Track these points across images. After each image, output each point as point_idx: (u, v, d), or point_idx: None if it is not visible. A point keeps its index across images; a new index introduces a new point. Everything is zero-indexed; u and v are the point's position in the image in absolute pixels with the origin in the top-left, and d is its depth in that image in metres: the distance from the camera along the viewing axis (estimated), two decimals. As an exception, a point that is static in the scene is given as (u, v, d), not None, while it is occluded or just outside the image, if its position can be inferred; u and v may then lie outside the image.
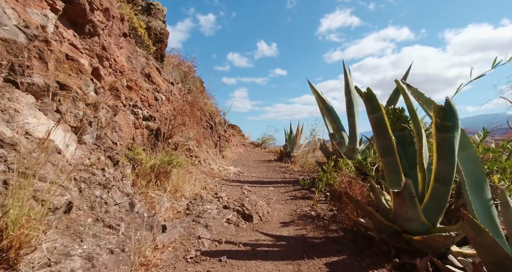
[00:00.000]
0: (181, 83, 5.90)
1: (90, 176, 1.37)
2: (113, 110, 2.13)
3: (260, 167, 6.02)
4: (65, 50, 1.75)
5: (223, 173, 4.42)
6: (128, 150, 2.26)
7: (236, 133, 17.74)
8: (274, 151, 11.34)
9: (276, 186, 3.66)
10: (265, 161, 7.52)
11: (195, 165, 3.84)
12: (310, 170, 5.51)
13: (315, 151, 6.84)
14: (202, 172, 3.82)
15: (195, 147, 3.99)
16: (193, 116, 4.19)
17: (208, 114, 5.55)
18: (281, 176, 4.73)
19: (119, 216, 1.39)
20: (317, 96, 4.17)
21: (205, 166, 4.21)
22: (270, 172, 5.26)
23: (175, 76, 5.56)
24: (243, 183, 3.79)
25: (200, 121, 4.78)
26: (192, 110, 4.12)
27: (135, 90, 2.68)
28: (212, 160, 4.80)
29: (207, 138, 4.90)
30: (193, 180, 2.88)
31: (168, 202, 2.06)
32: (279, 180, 4.27)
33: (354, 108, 3.82)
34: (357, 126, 3.85)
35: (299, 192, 3.30)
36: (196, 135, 4.25)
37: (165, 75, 4.14)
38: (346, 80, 3.82)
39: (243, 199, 2.45)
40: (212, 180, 3.62)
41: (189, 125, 3.93)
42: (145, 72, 3.25)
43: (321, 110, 4.36)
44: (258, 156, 9.80)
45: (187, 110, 3.94)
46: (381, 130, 1.64)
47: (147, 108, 2.87)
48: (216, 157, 5.17)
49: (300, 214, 2.44)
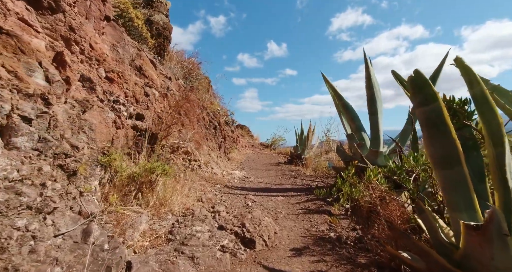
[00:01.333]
0: (184, 80, 5.50)
1: (11, 198, 0.93)
2: (82, 106, 1.71)
3: (268, 171, 5.53)
4: (11, 25, 1.34)
5: (227, 179, 3.97)
6: (103, 155, 1.83)
7: (245, 134, 17.33)
8: (284, 153, 10.82)
9: (286, 195, 3.17)
10: (274, 164, 7.02)
11: (194, 170, 3.41)
12: (324, 174, 4.97)
13: (328, 152, 6.28)
14: (202, 178, 3.38)
15: (194, 149, 3.56)
16: (193, 115, 3.76)
17: (212, 113, 5.12)
18: (292, 182, 4.22)
19: (55, 256, 0.95)
20: (333, 92, 3.64)
21: (206, 171, 3.77)
22: (279, 176, 4.77)
23: (176, 72, 5.17)
24: (248, 191, 3.32)
25: (201, 121, 4.35)
26: (192, 107, 3.69)
27: (118, 83, 2.27)
28: (215, 164, 4.36)
29: (210, 140, 4.46)
30: (187, 189, 2.44)
31: (147, 222, 1.61)
32: (289, 187, 3.77)
33: (377, 105, 3.27)
34: (380, 126, 3.30)
35: (313, 204, 2.79)
36: (195, 136, 3.82)
37: (162, 70, 3.73)
38: (368, 73, 3.28)
39: (245, 215, 1.98)
40: (212, 188, 3.17)
41: (187, 124, 3.50)
42: (136, 64, 2.84)
43: (337, 108, 3.84)
44: (267, 157, 9.31)
45: (185, 107, 3.51)
46: (437, 130, 1.13)
47: (133, 104, 2.46)
48: (220, 160, 4.72)
49: (316, 236, 1.94)
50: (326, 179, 4.48)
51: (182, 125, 3.53)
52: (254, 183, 3.94)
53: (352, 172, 2.37)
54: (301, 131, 7.60)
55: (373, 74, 3.28)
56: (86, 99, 1.78)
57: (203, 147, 3.97)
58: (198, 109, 4.29)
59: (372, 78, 3.27)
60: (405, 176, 1.91)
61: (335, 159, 5.04)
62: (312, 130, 7.01)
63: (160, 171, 1.84)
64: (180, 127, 3.43)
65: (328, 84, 3.68)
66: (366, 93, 3.34)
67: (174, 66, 5.30)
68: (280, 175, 4.99)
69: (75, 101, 1.67)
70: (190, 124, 3.84)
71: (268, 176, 4.77)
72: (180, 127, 3.44)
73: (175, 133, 3.28)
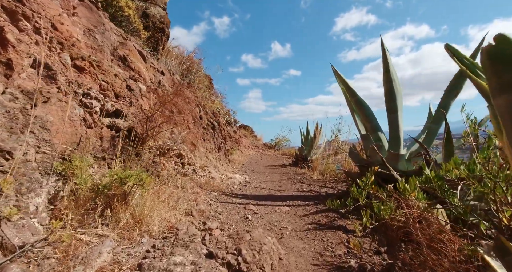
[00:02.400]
0: (181, 77, 5.13)
1: None
2: (31, 98, 1.33)
3: (272, 174, 5.12)
4: None
5: (226, 184, 3.57)
6: (62, 161, 1.45)
7: (248, 134, 16.94)
8: (289, 154, 10.39)
9: (292, 205, 2.76)
10: (278, 166, 6.61)
11: (188, 175, 3.02)
12: (333, 179, 4.55)
13: (337, 154, 5.84)
14: (196, 184, 2.99)
15: (188, 152, 3.17)
16: (188, 113, 3.37)
17: (211, 112, 4.73)
18: (298, 187, 3.81)
19: None
20: (345, 87, 3.22)
21: (202, 176, 3.38)
22: (283, 181, 4.35)
23: (172, 68, 4.80)
24: (248, 199, 2.92)
25: (198, 120, 3.96)
26: (187, 104, 3.30)
27: (90, 73, 1.89)
28: (213, 167, 3.97)
29: (208, 141, 4.08)
30: (175, 200, 2.05)
31: (111, 250, 1.22)
32: (295, 193, 3.36)
33: (396, 100, 2.85)
34: (400, 125, 2.87)
35: (324, 216, 2.38)
36: (191, 137, 3.43)
37: (154, 63, 3.35)
38: (386, 64, 2.86)
39: (242, 236, 1.57)
40: (208, 196, 2.78)
41: (180, 123, 3.11)
42: (119, 54, 2.46)
43: (349, 105, 3.41)
44: (271, 159, 8.90)
45: (179, 105, 3.12)
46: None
47: (112, 99, 2.07)
48: (219, 163, 4.33)
49: (332, 265, 1.53)
50: (335, 184, 4.06)
51: (175, 124, 3.15)
52: (256, 189, 3.54)
53: (371, 180, 1.96)
54: (306, 131, 7.17)
55: (392, 66, 2.86)
56: (40, 90, 1.40)
57: (199, 149, 3.58)
58: (194, 107, 3.91)
59: (390, 70, 2.84)
60: (448, 189, 1.49)
61: (345, 162, 4.61)
62: (318, 130, 6.58)
63: (133, 181, 1.45)
64: (172, 127, 3.04)
65: (340, 78, 3.26)
66: (384, 87, 2.92)
67: (171, 62, 4.93)
68: (285, 179, 4.58)
69: (21, 91, 1.29)
70: (185, 123, 3.45)
71: (271, 181, 4.36)
72: (172, 126, 3.05)
73: (166, 133, 2.89)
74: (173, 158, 2.88)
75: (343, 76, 3.23)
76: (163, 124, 2.50)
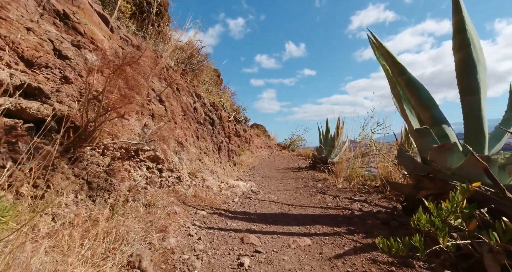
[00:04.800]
0: (177, 64, 4.32)
1: None
2: None
3: (285, 180, 4.20)
4: None
5: (223, 196, 2.70)
6: None
7: (261, 133, 16.05)
8: (304, 155, 9.37)
9: (314, 233, 1.83)
10: (293, 169, 5.67)
11: (168, 186, 2.18)
12: (362, 187, 3.56)
13: (365, 155, 4.80)
14: (178, 199, 2.14)
15: (170, 153, 2.32)
16: (177, 103, 2.54)
17: (209, 104, 3.87)
18: (319, 200, 2.87)
19: None
20: (389, 61, 2.24)
21: (192, 185, 2.53)
22: (300, 190, 3.42)
23: (165, 51, 3.99)
24: (250, 221, 2.03)
25: (192, 112, 3.11)
26: (176, 91, 2.47)
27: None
28: (210, 173, 3.11)
29: (203, 139, 3.22)
30: (112, 239, 1.20)
31: None
32: (318, 211, 2.42)
33: (478, 75, 1.85)
34: (484, 113, 1.87)
35: (372, 262, 1.43)
36: (177, 133, 2.58)
37: (129, 37, 2.54)
38: (459, 19, 1.87)
39: None
40: (191, 218, 1.92)
41: (160, 114, 2.27)
42: (56, 8, 1.66)
43: (393, 89, 2.43)
44: (285, 160, 7.95)
45: (165, 92, 2.30)
46: None
47: (17, 67, 1.26)
48: (218, 167, 3.47)
49: None
50: (369, 196, 3.07)
51: (152, 116, 2.31)
52: (264, 204, 2.63)
53: (463, 207, 1.06)
54: (326, 128, 6.16)
55: (469, 22, 1.86)
56: None
57: (189, 150, 2.73)
58: (187, 95, 3.07)
59: (467, 28, 1.85)
60: None
61: (379, 166, 3.60)
62: (341, 127, 5.57)
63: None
64: (147, 119, 2.21)
65: (381, 49, 2.29)
66: (455, 58, 1.93)
67: (164, 45, 4.13)
68: (301, 187, 3.65)
69: None
70: (172, 115, 2.61)
71: (284, 190, 3.44)
72: (147, 118, 2.22)
73: (136, 128, 2.06)
74: (145, 163, 2.05)
75: (386, 46, 2.26)
76: (120, 110, 1.66)
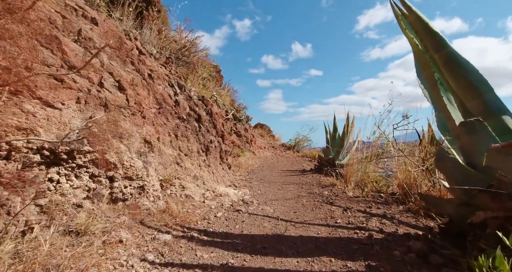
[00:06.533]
0: (160, 51, 3.79)
1: None
2: None
3: (287, 185, 3.61)
4: None
5: (205, 209, 2.14)
6: None
7: (265, 133, 15.47)
8: (310, 156, 8.74)
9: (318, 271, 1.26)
10: (297, 172, 5.08)
11: (121, 201, 1.63)
12: (378, 195, 2.95)
13: (380, 156, 4.16)
14: (133, 217, 1.59)
15: (130, 155, 1.78)
16: (142, 88, 2.02)
17: (196, 97, 3.31)
18: (326, 214, 2.28)
19: None
20: (423, 30, 1.64)
21: (166, 195, 1.99)
22: (303, 199, 2.83)
23: (148, 40, 3.47)
24: (229, 251, 1.47)
25: (172, 107, 2.55)
26: (148, 79, 1.94)
27: None
28: (193, 179, 2.55)
29: (184, 138, 2.67)
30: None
31: None
32: (324, 232, 1.83)
33: None
34: None
35: None
36: (142, 130, 2.04)
37: (83, 8, 2.02)
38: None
39: None
40: (144, 246, 1.36)
41: (112, 100, 1.74)
42: None
43: (424, 68, 1.82)
44: (289, 162, 7.35)
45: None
46: None
47: None
48: (205, 171, 2.91)
49: None
50: (387, 207, 2.47)
51: (104, 106, 1.79)
52: (254, 221, 2.06)
53: None
54: (333, 127, 5.54)
55: None
56: None
57: (162, 151, 2.19)
58: (163, 85, 2.53)
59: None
60: None
61: (399, 170, 2.97)
62: (350, 125, 4.94)
63: None
64: (96, 110, 1.67)
65: (412, 15, 1.68)
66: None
67: (147, 30, 3.61)
68: (305, 194, 3.06)
69: None
70: (138, 107, 2.08)
71: (284, 199, 2.86)
72: (96, 109, 1.69)
73: (73, 121, 1.52)
74: (88, 169, 1.50)
75: (417, 11, 1.66)
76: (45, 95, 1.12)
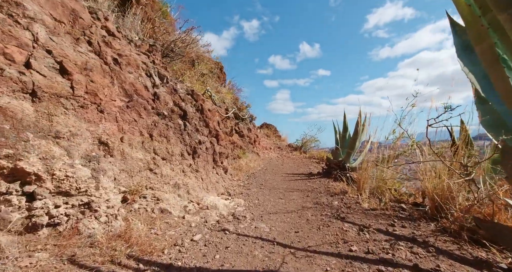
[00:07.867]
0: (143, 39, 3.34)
1: None
2: None
3: (290, 193, 3.11)
4: None
5: (182, 229, 1.67)
6: None
7: (271, 134, 14.95)
8: (318, 157, 8.18)
9: None
10: (303, 176, 4.56)
11: (45, 228, 1.18)
12: (399, 207, 2.42)
13: (397, 158, 3.59)
14: (61, 250, 1.14)
15: (58, 164, 1.32)
16: (98, 74, 1.56)
17: (183, 90, 2.84)
18: (336, 235, 1.78)
19: None
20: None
21: (132, 211, 1.53)
22: (308, 213, 2.33)
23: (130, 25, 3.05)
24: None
25: (150, 101, 2.09)
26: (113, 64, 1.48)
27: None
28: (173, 188, 2.09)
29: (165, 138, 2.20)
30: None
31: None
32: (335, 268, 1.34)
33: None
34: None
35: None
36: (99, 128, 1.59)
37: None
38: None
39: None
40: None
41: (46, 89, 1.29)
42: None
43: (478, 38, 1.30)
44: (295, 164, 6.82)
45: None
46: None
47: None
48: (192, 178, 2.44)
49: None
50: (416, 225, 1.94)
51: (32, 94, 1.34)
52: (242, 247, 1.58)
53: None
54: (344, 126, 4.99)
55: None
56: None
57: (125, 155, 1.73)
58: (140, 76, 2.07)
59: None
60: None
61: (427, 178, 2.43)
62: (362, 123, 4.39)
63: None
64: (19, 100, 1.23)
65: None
66: None
67: (134, 17, 3.18)
68: (310, 206, 2.55)
69: None
70: (93, 98, 1.63)
71: (285, 211, 2.36)
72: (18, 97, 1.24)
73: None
74: None
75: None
76: None
